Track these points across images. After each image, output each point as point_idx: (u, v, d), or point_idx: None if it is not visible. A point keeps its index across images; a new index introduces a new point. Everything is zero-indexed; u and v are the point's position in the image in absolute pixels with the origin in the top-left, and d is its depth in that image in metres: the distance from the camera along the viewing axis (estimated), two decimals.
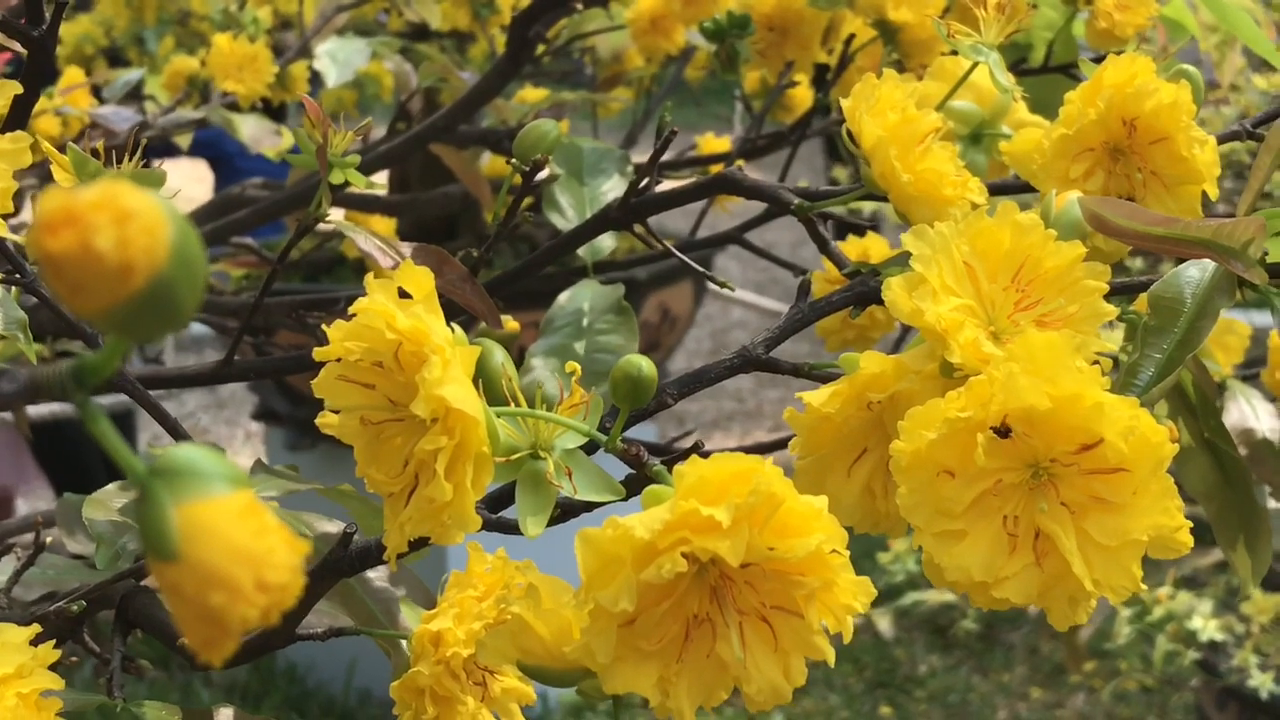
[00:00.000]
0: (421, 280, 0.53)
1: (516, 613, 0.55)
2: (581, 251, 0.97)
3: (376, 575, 0.79)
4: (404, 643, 0.73)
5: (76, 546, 0.87)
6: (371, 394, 0.54)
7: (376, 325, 0.52)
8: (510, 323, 0.91)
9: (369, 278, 0.54)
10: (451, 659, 0.67)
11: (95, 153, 0.69)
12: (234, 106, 1.62)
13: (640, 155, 1.09)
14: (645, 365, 0.55)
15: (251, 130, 1.51)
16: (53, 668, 0.58)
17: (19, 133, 0.56)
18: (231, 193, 1.63)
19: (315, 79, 1.73)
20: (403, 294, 0.53)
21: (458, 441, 0.51)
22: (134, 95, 1.79)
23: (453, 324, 0.54)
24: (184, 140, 1.82)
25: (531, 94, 1.62)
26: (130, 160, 0.67)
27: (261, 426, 3.21)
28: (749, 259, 5.53)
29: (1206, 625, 2.23)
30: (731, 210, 1.54)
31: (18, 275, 0.66)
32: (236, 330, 0.82)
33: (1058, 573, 0.54)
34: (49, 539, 0.83)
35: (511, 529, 0.62)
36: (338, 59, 1.54)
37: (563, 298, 0.96)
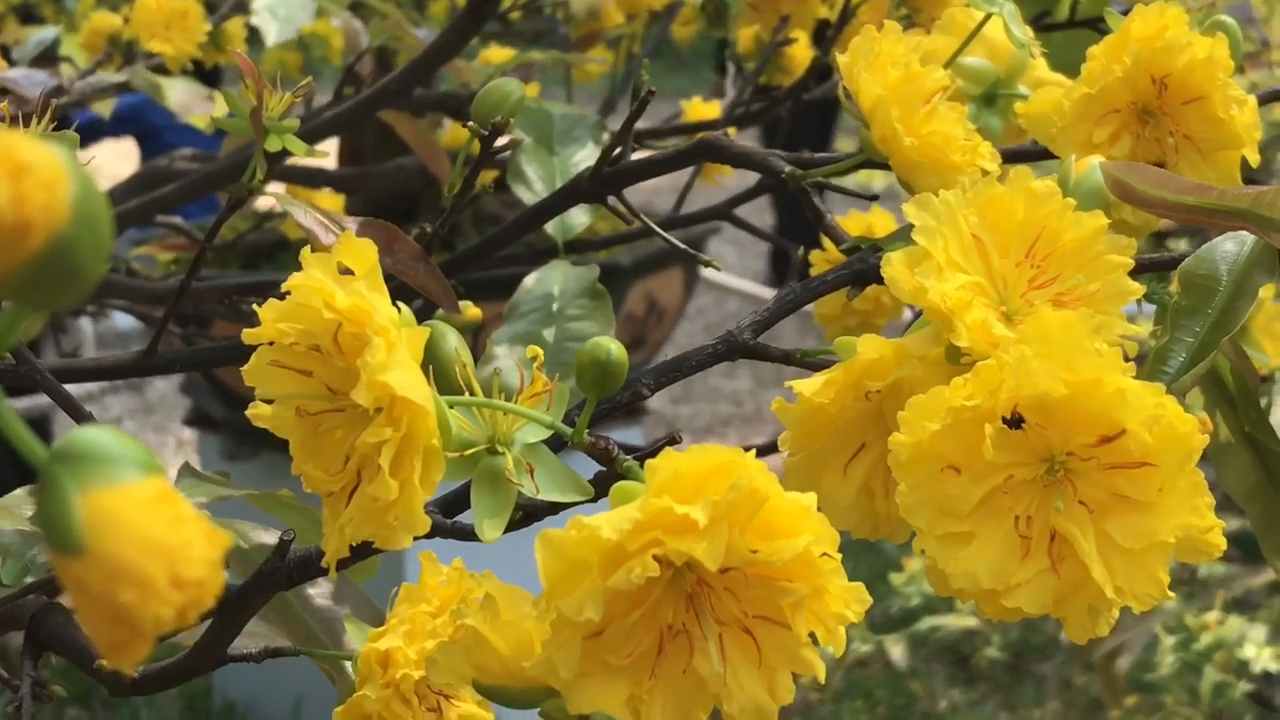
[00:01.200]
0: (364, 254, 0.53)
1: (471, 625, 0.56)
2: (550, 228, 0.98)
3: (318, 592, 0.79)
4: (349, 664, 0.74)
5: None
6: (308, 381, 0.55)
7: (313, 304, 0.52)
8: (470, 309, 0.91)
9: (304, 252, 0.54)
10: (401, 681, 0.67)
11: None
12: (161, 70, 1.62)
13: (619, 122, 1.10)
14: (615, 348, 0.56)
15: (180, 95, 1.52)
16: None
17: None
18: (157, 165, 1.63)
19: (253, 38, 1.73)
20: (344, 271, 0.54)
21: (404, 433, 0.52)
22: (48, 57, 1.79)
23: (399, 304, 0.54)
24: (103, 109, 1.82)
25: (496, 54, 1.63)
26: (39, 123, 0.68)
27: (195, 434, 3.21)
28: (747, 244, 5.53)
29: (1260, 654, 2.24)
30: (723, 184, 1.55)
31: None
32: (162, 320, 0.83)
33: (1075, 579, 0.54)
34: None
35: (468, 535, 0.62)
36: (278, 15, 1.54)
37: (529, 280, 0.96)
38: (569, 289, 0.95)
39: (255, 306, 0.63)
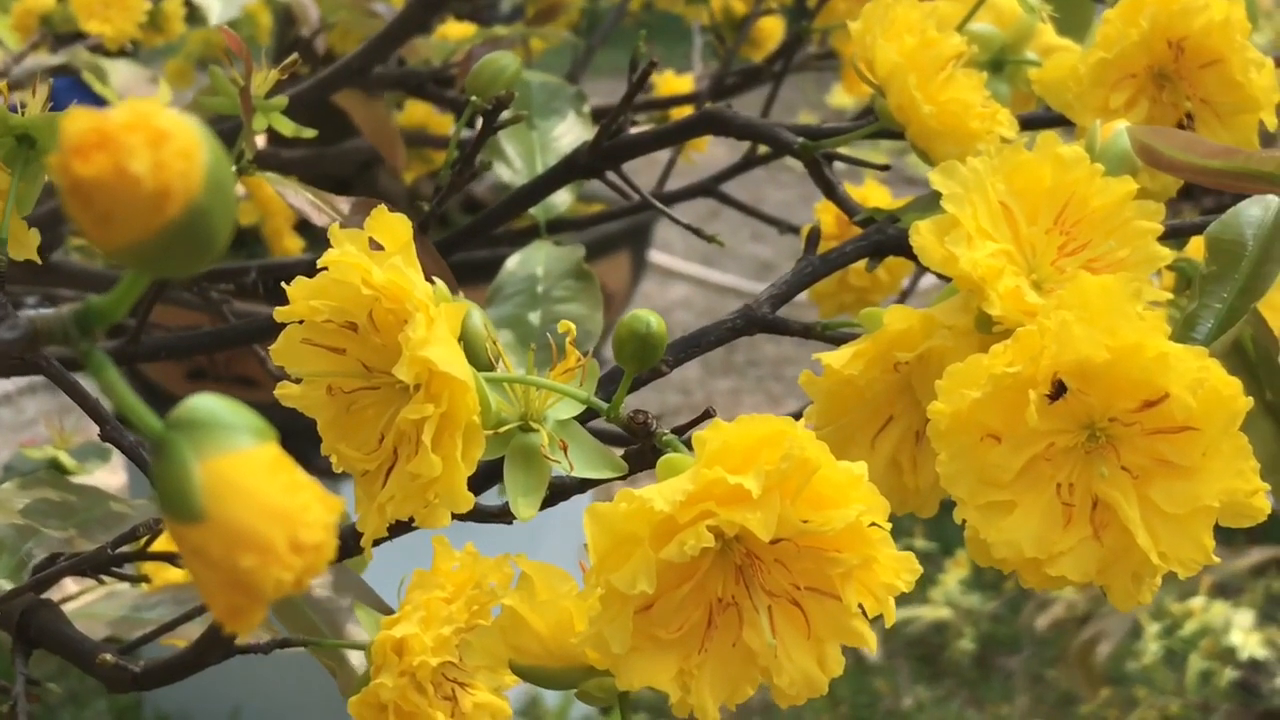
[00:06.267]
0: (398, 229, 0.55)
1: (509, 605, 0.58)
2: (534, 209, 1.00)
3: (318, 583, 0.81)
4: (350, 655, 0.75)
5: None
6: (341, 359, 0.56)
7: (351, 280, 0.54)
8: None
9: (333, 228, 0.56)
10: (418, 669, 0.68)
11: None
12: (98, 51, 1.62)
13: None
14: (654, 321, 0.57)
15: (123, 79, 1.52)
16: None
17: None
18: None
19: (190, 17, 1.73)
20: (375, 246, 0.55)
21: (445, 410, 0.53)
22: None
23: (433, 279, 0.56)
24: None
25: (455, 29, 1.64)
26: (36, 101, 0.69)
27: None
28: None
29: (1247, 640, 2.26)
30: (696, 161, 1.57)
31: None
32: (146, 304, 0.84)
33: (1120, 546, 0.56)
34: None
35: (488, 517, 0.64)
36: None
37: (512, 262, 0.98)
38: (553, 270, 0.97)
39: (230, 298, 0.64)
